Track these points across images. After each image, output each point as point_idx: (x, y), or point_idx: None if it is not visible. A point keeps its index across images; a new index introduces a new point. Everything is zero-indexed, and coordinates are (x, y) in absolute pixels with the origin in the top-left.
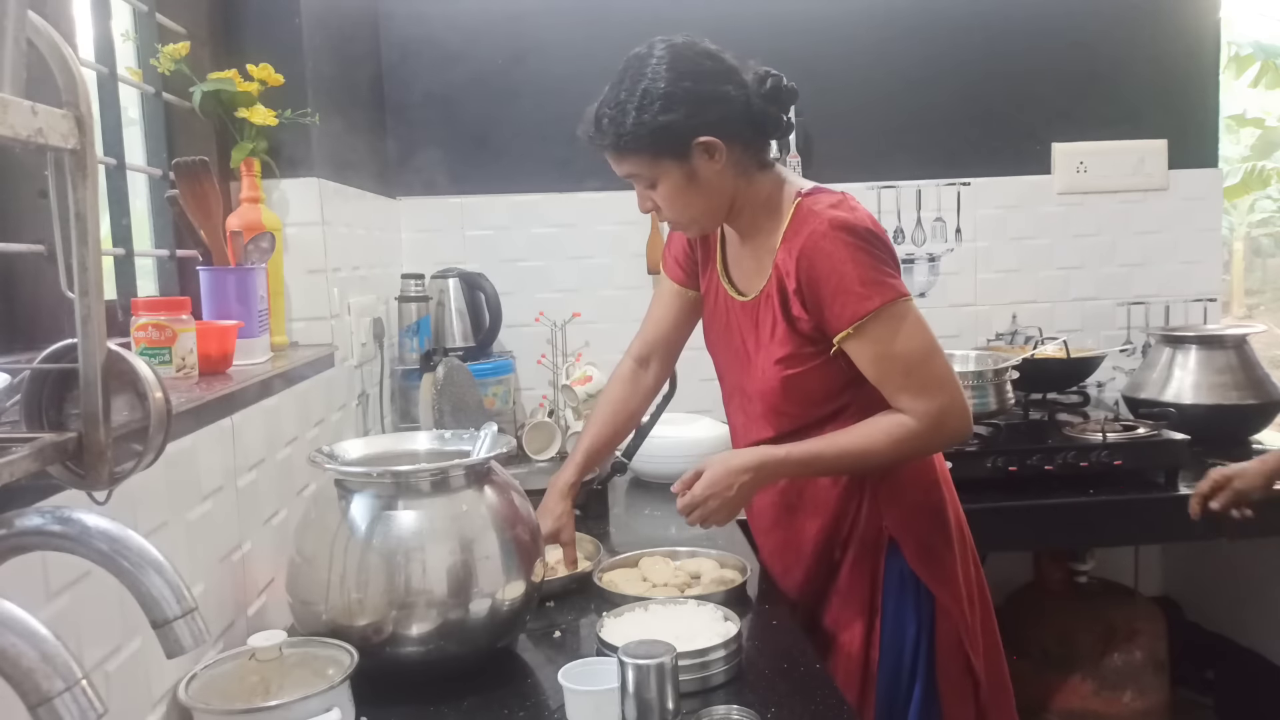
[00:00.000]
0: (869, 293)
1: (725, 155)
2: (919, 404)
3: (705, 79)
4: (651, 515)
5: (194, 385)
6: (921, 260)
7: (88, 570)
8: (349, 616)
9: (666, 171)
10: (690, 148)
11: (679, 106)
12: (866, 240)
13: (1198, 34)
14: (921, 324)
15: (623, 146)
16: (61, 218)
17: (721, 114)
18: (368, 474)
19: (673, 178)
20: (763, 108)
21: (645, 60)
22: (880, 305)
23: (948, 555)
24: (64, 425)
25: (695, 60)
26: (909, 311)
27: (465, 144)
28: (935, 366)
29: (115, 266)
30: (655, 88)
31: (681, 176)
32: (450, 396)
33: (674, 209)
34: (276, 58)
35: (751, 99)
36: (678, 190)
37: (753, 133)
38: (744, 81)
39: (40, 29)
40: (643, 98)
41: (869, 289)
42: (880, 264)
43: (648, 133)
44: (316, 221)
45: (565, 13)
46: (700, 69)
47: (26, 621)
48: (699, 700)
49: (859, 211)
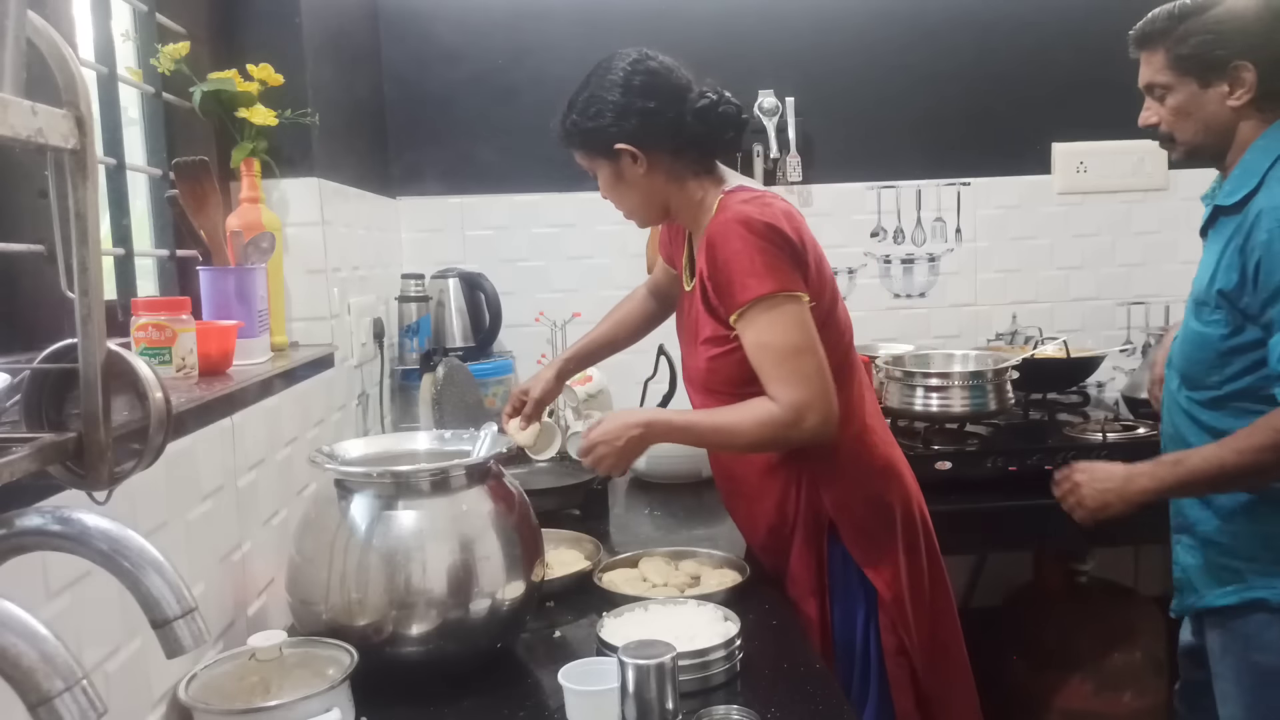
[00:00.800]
0: (752, 283)
1: (645, 162)
2: (784, 393)
3: (635, 93)
4: (651, 515)
5: (194, 385)
6: (921, 260)
7: (88, 570)
8: (349, 616)
9: (600, 167)
10: (614, 151)
11: (606, 115)
12: (761, 235)
13: None
14: (801, 322)
15: (565, 141)
16: (61, 218)
17: (643, 126)
18: (368, 474)
19: (604, 174)
20: (693, 125)
21: (599, 68)
22: (760, 296)
23: (888, 544)
24: (64, 425)
25: (633, 75)
26: (790, 307)
27: (465, 144)
28: (804, 363)
29: (115, 266)
30: (594, 95)
31: (611, 174)
32: (451, 396)
33: (611, 199)
34: (276, 58)
35: (685, 115)
36: (608, 185)
37: (680, 145)
38: (683, 99)
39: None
40: (585, 102)
41: (753, 279)
42: (770, 259)
43: (578, 133)
44: (316, 221)
45: (565, 13)
46: (631, 84)
47: (26, 621)
48: (699, 700)
49: (770, 209)
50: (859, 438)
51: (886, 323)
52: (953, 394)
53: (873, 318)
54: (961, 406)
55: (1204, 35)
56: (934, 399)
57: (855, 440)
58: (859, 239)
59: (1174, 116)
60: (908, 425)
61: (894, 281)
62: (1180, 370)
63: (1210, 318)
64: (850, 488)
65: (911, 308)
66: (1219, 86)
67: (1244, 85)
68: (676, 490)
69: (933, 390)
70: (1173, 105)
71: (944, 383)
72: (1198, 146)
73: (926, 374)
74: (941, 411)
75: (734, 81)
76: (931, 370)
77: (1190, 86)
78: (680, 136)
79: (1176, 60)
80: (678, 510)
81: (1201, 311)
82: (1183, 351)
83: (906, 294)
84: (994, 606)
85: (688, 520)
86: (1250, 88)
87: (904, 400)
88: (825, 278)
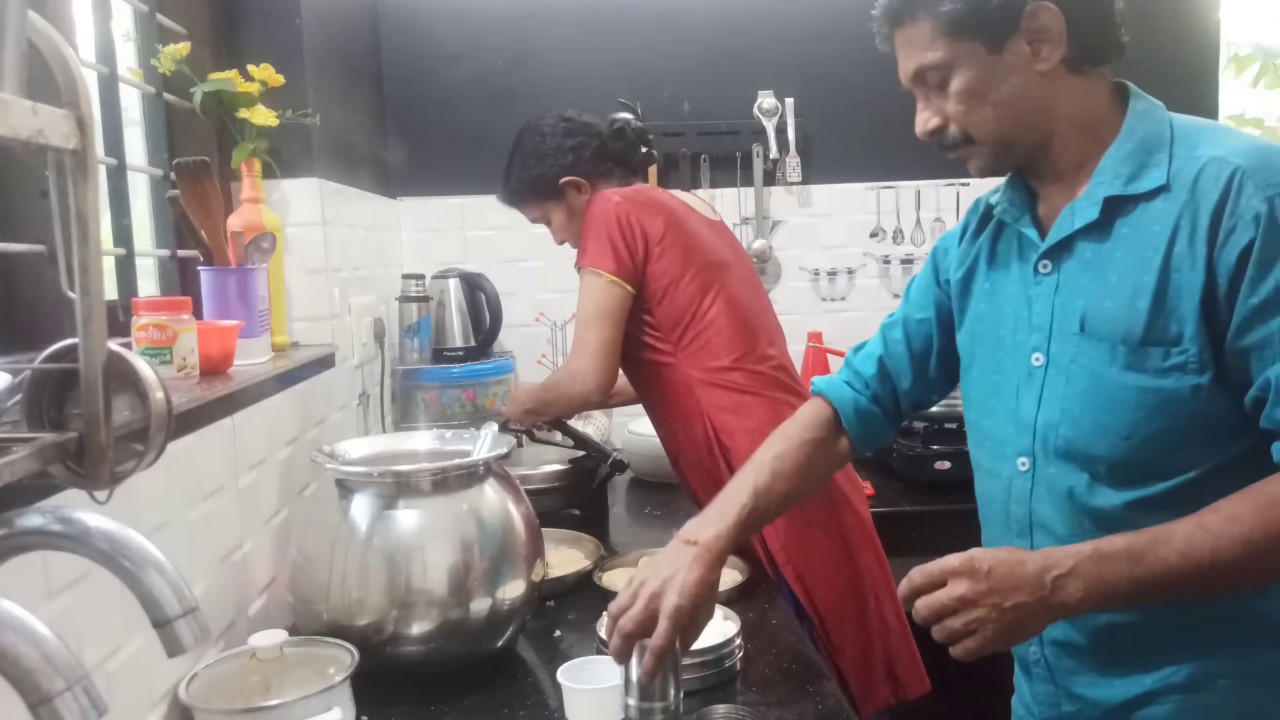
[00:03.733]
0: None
1: (590, 189)
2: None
3: (562, 134)
4: (651, 515)
5: (195, 385)
6: (921, 260)
7: (88, 570)
8: (349, 616)
9: (551, 212)
10: (560, 189)
11: (545, 160)
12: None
13: (1197, 34)
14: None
15: (515, 200)
16: (62, 218)
17: (577, 158)
18: (368, 474)
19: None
20: (613, 144)
21: (522, 135)
22: (578, 265)
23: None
24: (65, 425)
25: (555, 124)
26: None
27: (465, 144)
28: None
29: (116, 266)
30: (527, 152)
31: (563, 214)
32: None
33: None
34: (277, 58)
35: (605, 139)
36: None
37: (608, 165)
38: (599, 128)
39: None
40: (522, 161)
41: (580, 252)
42: (597, 240)
43: (525, 186)
44: (317, 221)
45: (565, 13)
46: (556, 129)
47: (27, 621)
48: (699, 700)
49: (609, 204)
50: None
51: None
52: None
53: (873, 318)
54: None
55: None
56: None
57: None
58: (859, 239)
59: (963, 106)
60: (907, 425)
61: (894, 282)
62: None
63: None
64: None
65: None
66: (1016, 46)
67: (1050, 38)
68: (676, 490)
69: None
70: (958, 90)
71: None
72: (1007, 140)
73: None
74: (941, 411)
75: (734, 81)
76: None
77: (977, 54)
78: (607, 155)
79: (947, 24)
80: (678, 510)
81: (1139, 358)
82: (1098, 425)
83: None
84: None
85: (688, 520)
86: (1059, 39)
87: None
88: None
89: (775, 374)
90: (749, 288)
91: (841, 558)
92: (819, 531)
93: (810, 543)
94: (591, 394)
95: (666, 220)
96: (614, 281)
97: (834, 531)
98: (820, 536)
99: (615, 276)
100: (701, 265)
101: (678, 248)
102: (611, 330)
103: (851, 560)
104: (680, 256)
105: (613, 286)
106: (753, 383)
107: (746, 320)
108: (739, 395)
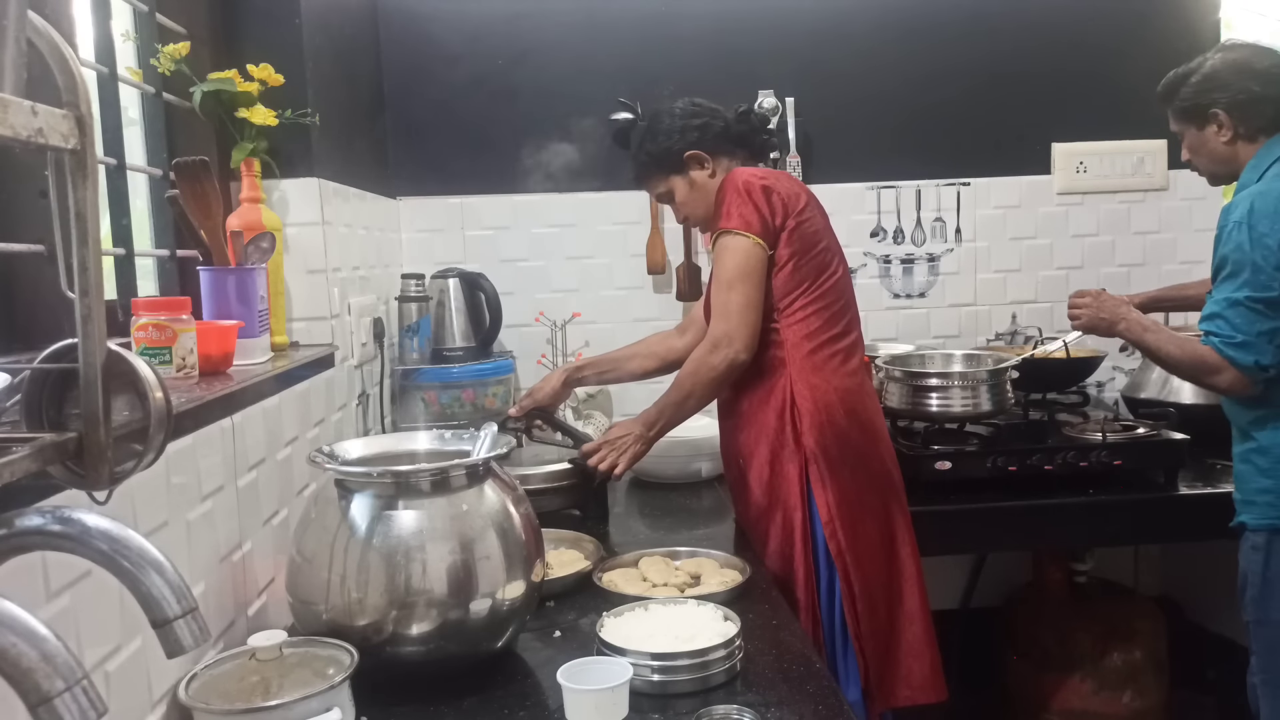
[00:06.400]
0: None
1: (712, 165)
2: (712, 325)
3: (688, 115)
4: (651, 515)
5: (194, 385)
6: (921, 260)
7: (88, 570)
8: (349, 616)
9: (675, 185)
10: (683, 162)
11: (672, 135)
12: (738, 190)
13: (1198, 34)
14: (737, 258)
15: (642, 174)
16: (61, 218)
17: (701, 135)
18: (368, 474)
19: (680, 189)
20: (738, 126)
21: (651, 118)
22: (721, 229)
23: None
24: (64, 425)
25: (682, 106)
26: (734, 243)
27: (465, 144)
28: (728, 295)
29: (115, 266)
30: (654, 129)
31: (685, 186)
32: None
33: (686, 212)
34: (276, 58)
35: (729, 121)
36: (684, 198)
37: (732, 145)
38: (723, 112)
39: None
40: (650, 135)
41: (724, 218)
42: (741, 204)
43: (651, 159)
44: (316, 221)
45: (565, 13)
46: (683, 110)
47: (27, 621)
48: (699, 700)
49: (751, 174)
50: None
51: (886, 323)
52: (952, 394)
53: (873, 318)
54: (961, 406)
55: (1190, 91)
56: (934, 399)
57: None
58: (859, 239)
59: (1191, 154)
60: (908, 425)
61: (894, 281)
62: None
63: None
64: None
65: (911, 308)
66: (1211, 127)
67: (1225, 125)
68: (676, 490)
69: (933, 390)
70: (1188, 145)
71: (944, 383)
72: (1213, 174)
73: (926, 374)
74: (941, 411)
75: (734, 82)
76: (931, 370)
77: (1192, 131)
78: (730, 138)
79: (1179, 113)
80: (678, 510)
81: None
82: None
83: (906, 294)
84: (994, 606)
85: (688, 520)
86: (1229, 126)
87: (904, 400)
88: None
89: (859, 350)
90: (848, 273)
91: (881, 549)
92: (868, 516)
93: (858, 525)
94: (739, 354)
95: (807, 195)
96: (757, 243)
97: (883, 520)
98: (869, 522)
99: (759, 238)
100: (830, 241)
101: (816, 220)
102: (754, 291)
103: (892, 553)
104: (816, 229)
105: (756, 247)
106: (843, 356)
107: (851, 300)
108: (830, 364)
